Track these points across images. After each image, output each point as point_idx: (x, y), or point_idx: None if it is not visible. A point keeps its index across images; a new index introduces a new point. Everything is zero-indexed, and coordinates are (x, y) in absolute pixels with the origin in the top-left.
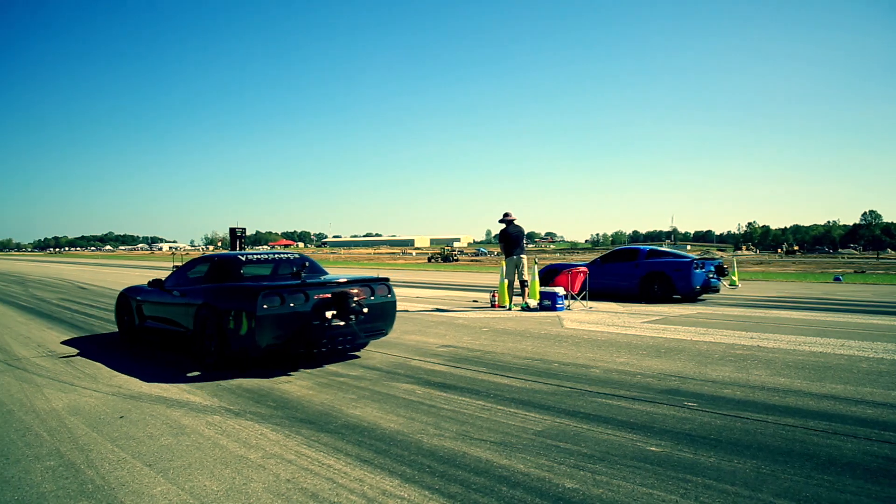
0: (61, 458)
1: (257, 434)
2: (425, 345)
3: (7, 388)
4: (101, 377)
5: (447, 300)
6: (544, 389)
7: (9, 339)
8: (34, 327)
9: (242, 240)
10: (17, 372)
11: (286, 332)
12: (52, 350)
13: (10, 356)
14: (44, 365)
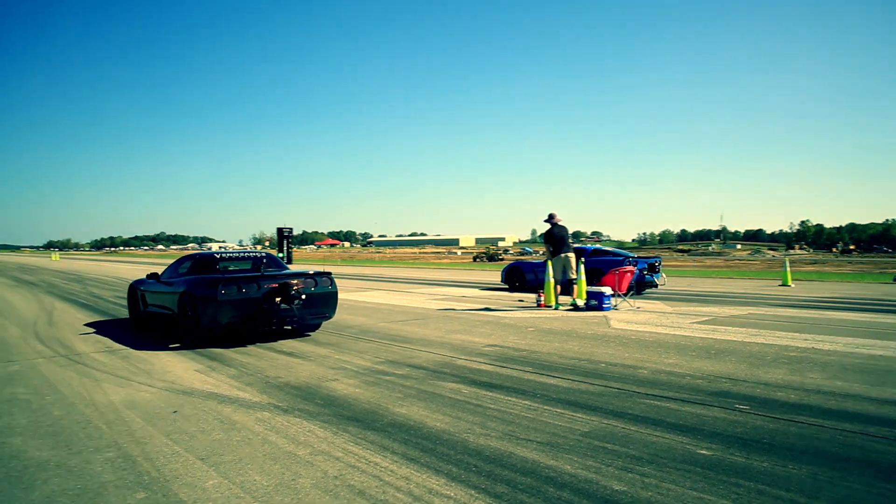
0: (119, 449)
1: (305, 431)
2: (471, 344)
3: (69, 382)
4: (155, 373)
5: (493, 299)
6: (591, 390)
7: (69, 335)
8: (92, 323)
9: (289, 239)
10: (77, 367)
11: (242, 312)
12: (109, 346)
13: (72, 351)
14: (102, 360)
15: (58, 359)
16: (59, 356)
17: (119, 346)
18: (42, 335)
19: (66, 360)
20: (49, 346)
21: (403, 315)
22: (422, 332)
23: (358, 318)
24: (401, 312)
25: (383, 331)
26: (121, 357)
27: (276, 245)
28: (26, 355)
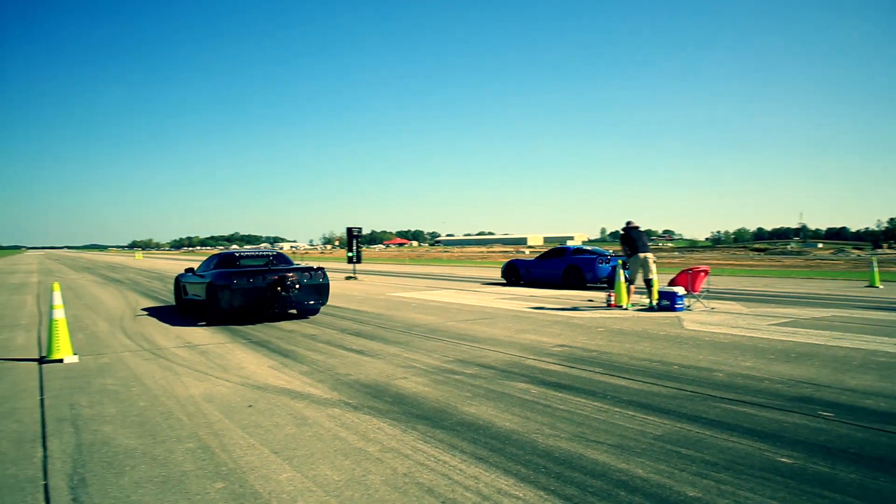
0: (199, 440)
1: (375, 428)
2: (540, 344)
3: (152, 375)
4: (230, 368)
5: (562, 299)
6: (664, 392)
7: (152, 330)
8: (173, 320)
9: (358, 238)
10: (160, 360)
11: (251, 298)
12: (188, 341)
13: (154, 346)
14: (182, 355)
15: (142, 352)
16: (143, 350)
17: (197, 342)
18: (128, 330)
19: (149, 354)
20: (134, 341)
21: (472, 314)
22: (490, 331)
23: (427, 316)
24: (469, 311)
25: (452, 330)
26: (199, 352)
27: (345, 244)
28: (114, 349)
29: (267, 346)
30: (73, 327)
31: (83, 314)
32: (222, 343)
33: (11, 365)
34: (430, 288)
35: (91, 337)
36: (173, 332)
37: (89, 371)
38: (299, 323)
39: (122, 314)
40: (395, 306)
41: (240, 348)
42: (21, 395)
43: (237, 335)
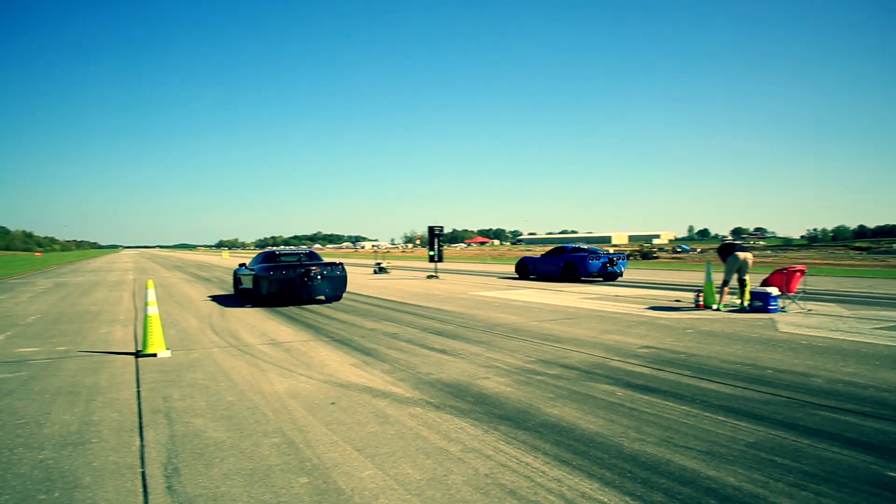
0: (284, 436)
1: (457, 428)
2: (625, 345)
3: (239, 371)
4: (314, 366)
5: (647, 299)
6: (756, 398)
7: (239, 328)
8: (258, 318)
9: (440, 237)
10: (246, 357)
11: (284, 286)
12: (273, 338)
13: (241, 342)
14: (267, 352)
15: (229, 349)
16: (231, 346)
17: (282, 340)
18: (216, 327)
19: (236, 351)
20: (222, 337)
21: (554, 314)
22: (574, 331)
23: (509, 316)
24: (552, 311)
25: (534, 329)
26: (283, 349)
27: (426, 243)
28: (203, 345)
29: (349, 344)
30: (165, 323)
31: (174, 311)
32: (306, 341)
33: (111, 358)
34: (511, 287)
35: (182, 333)
36: (259, 329)
37: (181, 366)
38: (381, 321)
39: (210, 311)
40: (476, 305)
41: (323, 346)
42: (119, 386)
43: (320, 333)
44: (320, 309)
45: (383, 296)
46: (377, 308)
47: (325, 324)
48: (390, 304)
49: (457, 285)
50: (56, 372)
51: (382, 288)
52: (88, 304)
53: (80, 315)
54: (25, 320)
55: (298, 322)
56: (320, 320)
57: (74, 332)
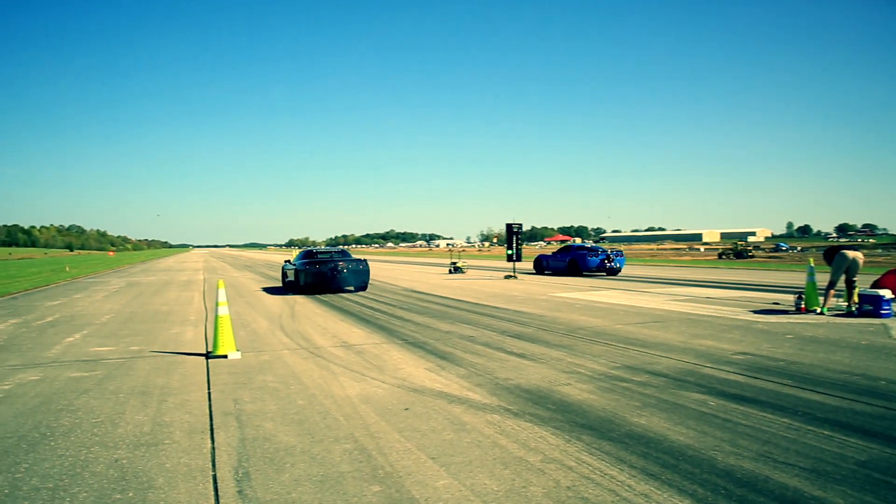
0: (355, 442)
1: (536, 437)
2: (718, 351)
3: (310, 374)
4: (386, 369)
5: (742, 301)
6: (868, 411)
7: (309, 329)
8: (329, 319)
9: (519, 235)
10: (317, 359)
11: (318, 279)
12: (344, 341)
13: (312, 344)
14: (338, 354)
15: (300, 351)
16: (301, 348)
17: (354, 342)
18: (286, 328)
19: (307, 353)
20: (292, 339)
21: (640, 317)
22: (662, 335)
23: (592, 318)
24: (637, 314)
25: (619, 333)
26: (355, 352)
27: (504, 242)
28: (274, 346)
29: (423, 347)
30: (235, 324)
31: (244, 311)
32: (378, 343)
33: (182, 359)
34: (594, 288)
35: (252, 334)
36: (330, 330)
37: (251, 368)
38: (456, 324)
39: (280, 312)
40: (557, 307)
41: (396, 349)
42: (190, 387)
43: (393, 335)
44: (393, 310)
45: (459, 297)
46: (452, 310)
47: (399, 326)
48: (466, 305)
49: (536, 286)
50: (129, 372)
51: (458, 288)
52: (160, 303)
53: (152, 315)
54: (100, 319)
55: (371, 324)
56: (393, 322)
57: (146, 332)
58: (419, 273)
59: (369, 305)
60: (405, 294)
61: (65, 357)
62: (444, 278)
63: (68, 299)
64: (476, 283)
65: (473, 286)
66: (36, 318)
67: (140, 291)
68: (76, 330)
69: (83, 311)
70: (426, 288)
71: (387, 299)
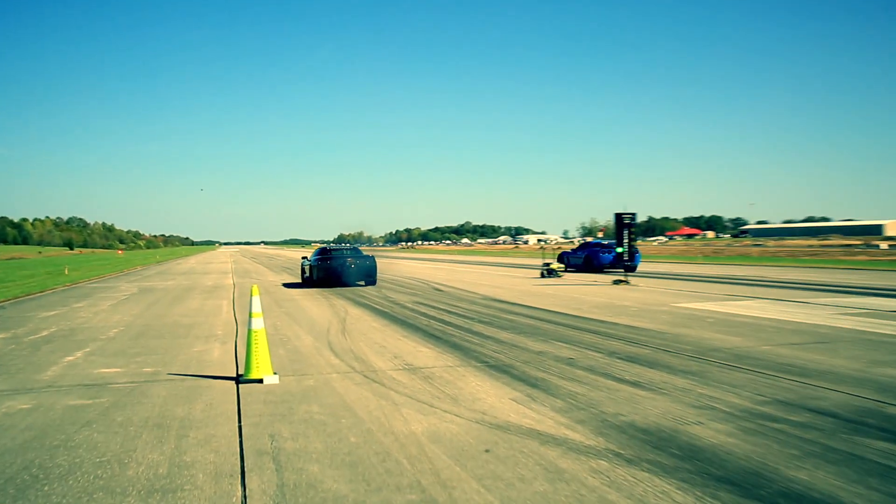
0: (423, 492)
1: (657, 491)
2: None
3: (365, 404)
4: (462, 399)
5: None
6: None
7: (364, 347)
8: (389, 335)
9: (632, 227)
10: (373, 385)
11: (328, 273)
12: (408, 363)
13: (368, 367)
14: (400, 380)
15: (353, 374)
16: (354, 371)
17: (420, 364)
18: (336, 346)
19: (361, 377)
20: (343, 360)
21: (798, 335)
22: (828, 361)
23: (729, 336)
24: (793, 332)
25: (767, 357)
26: (422, 377)
27: (612, 236)
28: (320, 369)
29: (509, 371)
30: (273, 340)
31: (284, 325)
32: (451, 366)
33: (207, 383)
34: (731, 297)
35: (294, 353)
36: (390, 349)
37: (292, 395)
38: (550, 342)
39: (328, 326)
40: (682, 322)
41: (473, 373)
42: (217, 419)
43: (470, 356)
44: (469, 324)
45: (553, 307)
46: (545, 324)
47: (477, 344)
48: (563, 318)
49: (655, 293)
50: (142, 399)
51: (552, 297)
52: (179, 314)
53: (170, 328)
54: (106, 334)
55: (442, 341)
56: (470, 339)
57: (163, 350)
58: (502, 277)
59: (440, 318)
60: (485, 304)
61: (63, 381)
62: (534, 284)
63: (68, 309)
64: (575, 289)
65: (572, 293)
66: (28, 333)
67: (156, 299)
68: (77, 347)
69: (86, 323)
70: (512, 296)
71: (462, 310)
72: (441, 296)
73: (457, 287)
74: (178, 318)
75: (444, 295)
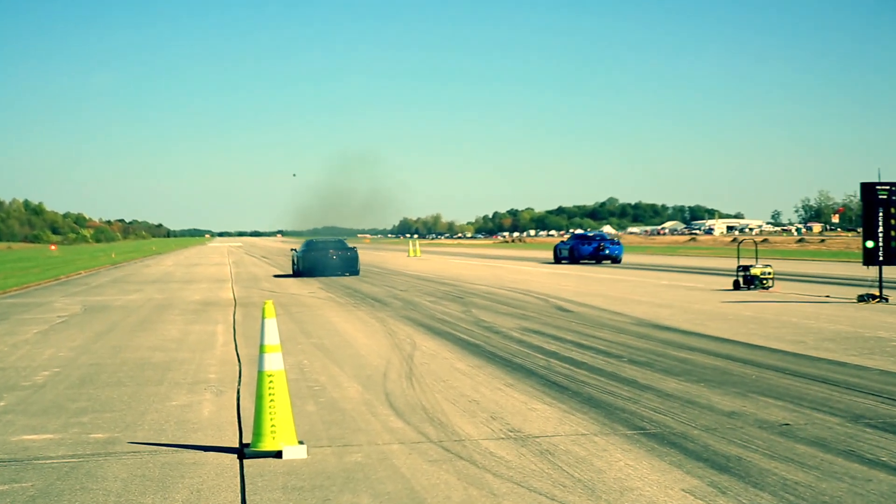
0: None
1: None
2: None
3: (446, 496)
4: (604, 490)
5: None
6: None
7: (442, 401)
8: (483, 381)
9: (893, 207)
10: (459, 464)
11: (312, 264)
12: (515, 427)
13: (449, 433)
14: (502, 455)
15: (425, 445)
16: (428, 441)
17: (534, 431)
18: (397, 399)
19: (439, 451)
20: (409, 422)
21: None
22: None
23: None
24: None
25: None
26: (537, 452)
27: (854, 220)
28: (373, 435)
29: (680, 444)
30: (298, 387)
31: (315, 363)
32: (585, 434)
33: (193, 458)
34: None
35: (330, 408)
36: (485, 404)
37: (328, 479)
38: (750, 398)
39: (385, 366)
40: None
41: (621, 446)
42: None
43: (615, 417)
44: (616, 366)
45: (755, 338)
46: (742, 366)
47: (628, 398)
48: (772, 356)
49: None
50: (88, 485)
51: (753, 321)
52: (149, 347)
53: (134, 370)
54: (32, 378)
55: (569, 393)
56: (616, 390)
57: (123, 405)
58: (670, 288)
59: (565, 355)
60: (640, 332)
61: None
62: (723, 299)
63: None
64: (793, 308)
65: (787, 315)
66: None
67: (111, 323)
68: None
69: (1, 361)
70: (685, 320)
71: (602, 343)
72: (567, 319)
73: (593, 305)
74: (146, 354)
75: (573, 318)
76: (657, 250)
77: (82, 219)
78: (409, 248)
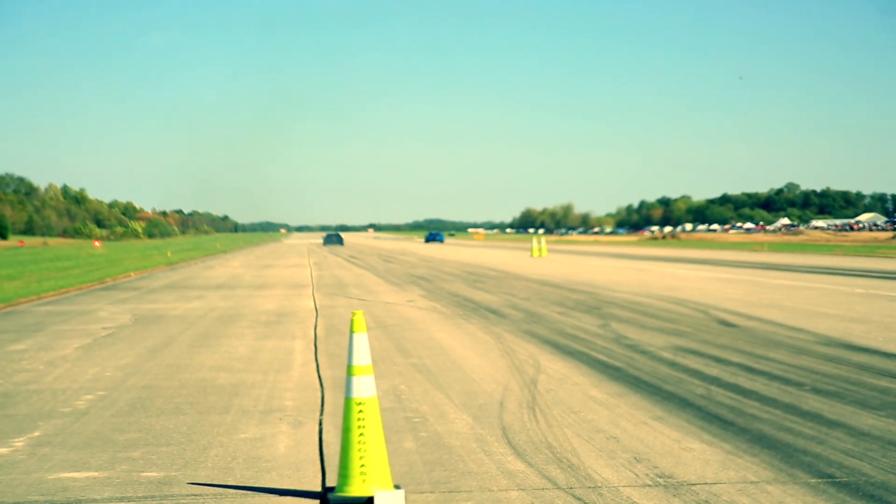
0: None
1: None
2: None
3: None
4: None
5: None
6: None
7: (572, 437)
8: (624, 413)
9: None
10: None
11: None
12: (665, 472)
13: (581, 478)
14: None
15: (551, 493)
16: (555, 487)
17: (690, 478)
18: (516, 434)
19: (569, 499)
20: (531, 463)
21: None
22: None
23: None
24: None
25: None
26: (693, 503)
27: None
28: (486, 479)
29: (880, 498)
30: (392, 419)
31: (414, 388)
32: (756, 483)
33: (266, 503)
34: None
35: (433, 445)
36: (627, 443)
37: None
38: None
39: (502, 393)
40: None
41: (801, 497)
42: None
43: (793, 462)
44: (793, 396)
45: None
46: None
47: (810, 436)
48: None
49: None
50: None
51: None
52: (211, 366)
53: (194, 395)
54: (73, 404)
55: (733, 429)
56: (795, 426)
57: (181, 436)
58: (866, 298)
59: (728, 381)
60: (827, 353)
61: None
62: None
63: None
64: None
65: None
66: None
67: (167, 337)
68: (15, 430)
69: (31, 383)
70: (886, 339)
71: (776, 367)
72: (732, 336)
73: (766, 318)
74: (209, 375)
75: (739, 334)
76: (849, 250)
77: (132, 209)
78: (533, 245)
